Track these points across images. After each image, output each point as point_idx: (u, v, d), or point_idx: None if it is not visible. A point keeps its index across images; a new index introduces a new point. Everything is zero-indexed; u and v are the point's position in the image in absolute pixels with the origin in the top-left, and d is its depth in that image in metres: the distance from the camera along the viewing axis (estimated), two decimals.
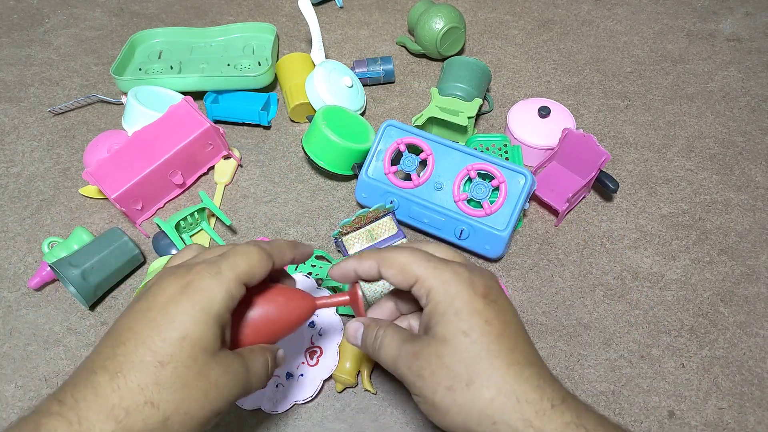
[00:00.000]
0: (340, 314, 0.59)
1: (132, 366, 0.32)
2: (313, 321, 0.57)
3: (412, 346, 0.36)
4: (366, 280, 0.40)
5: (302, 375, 0.55)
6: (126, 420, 0.31)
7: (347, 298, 0.43)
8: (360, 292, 0.42)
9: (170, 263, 0.39)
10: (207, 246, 0.58)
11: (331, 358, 0.56)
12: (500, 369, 0.33)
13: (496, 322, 0.34)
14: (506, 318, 0.35)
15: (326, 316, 0.57)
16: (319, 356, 0.56)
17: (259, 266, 0.37)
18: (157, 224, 0.64)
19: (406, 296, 0.41)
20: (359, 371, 0.57)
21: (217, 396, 0.34)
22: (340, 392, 0.57)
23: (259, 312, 0.39)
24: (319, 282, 0.60)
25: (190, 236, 0.68)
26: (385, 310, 0.43)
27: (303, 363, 0.56)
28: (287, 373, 0.55)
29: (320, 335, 0.57)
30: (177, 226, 0.65)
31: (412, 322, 0.42)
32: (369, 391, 0.56)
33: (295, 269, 0.62)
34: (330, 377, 0.56)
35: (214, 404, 0.34)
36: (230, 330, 0.36)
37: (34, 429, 0.30)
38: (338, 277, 0.40)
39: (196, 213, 0.67)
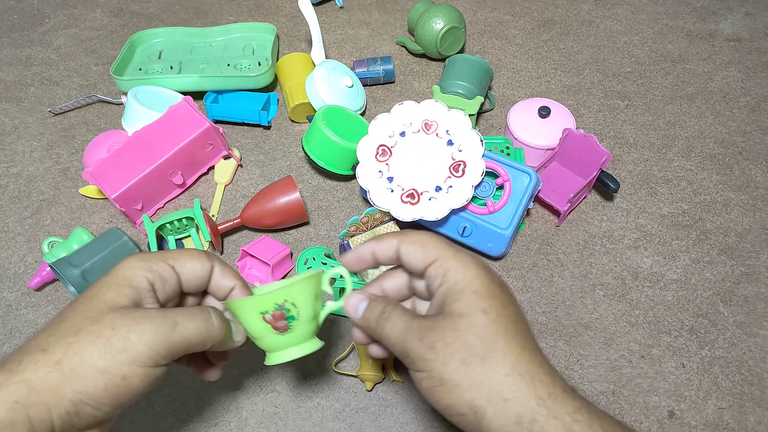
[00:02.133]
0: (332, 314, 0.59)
1: (51, 333, 0.35)
2: (450, 139, 0.61)
3: (425, 321, 0.35)
4: (382, 263, 0.39)
5: (451, 187, 0.61)
6: (19, 368, 0.33)
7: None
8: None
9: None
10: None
11: (476, 167, 0.60)
12: (515, 349, 0.33)
13: (512, 308, 0.35)
14: (518, 308, 0.36)
15: (462, 134, 0.61)
16: (464, 168, 0.61)
17: (201, 264, 0.40)
18: (143, 220, 0.64)
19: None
20: (383, 365, 0.57)
21: (117, 339, 0.34)
22: (371, 390, 0.57)
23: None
24: (332, 282, 0.59)
25: (176, 240, 0.67)
26: (396, 283, 0.41)
27: (449, 177, 0.61)
28: (437, 186, 0.61)
29: (460, 151, 0.61)
30: (162, 228, 0.65)
31: (418, 305, 0.41)
32: (397, 380, 0.57)
33: (305, 264, 0.61)
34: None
35: (114, 347, 0.34)
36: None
37: None
38: (353, 261, 0.40)
39: (184, 219, 0.66)
